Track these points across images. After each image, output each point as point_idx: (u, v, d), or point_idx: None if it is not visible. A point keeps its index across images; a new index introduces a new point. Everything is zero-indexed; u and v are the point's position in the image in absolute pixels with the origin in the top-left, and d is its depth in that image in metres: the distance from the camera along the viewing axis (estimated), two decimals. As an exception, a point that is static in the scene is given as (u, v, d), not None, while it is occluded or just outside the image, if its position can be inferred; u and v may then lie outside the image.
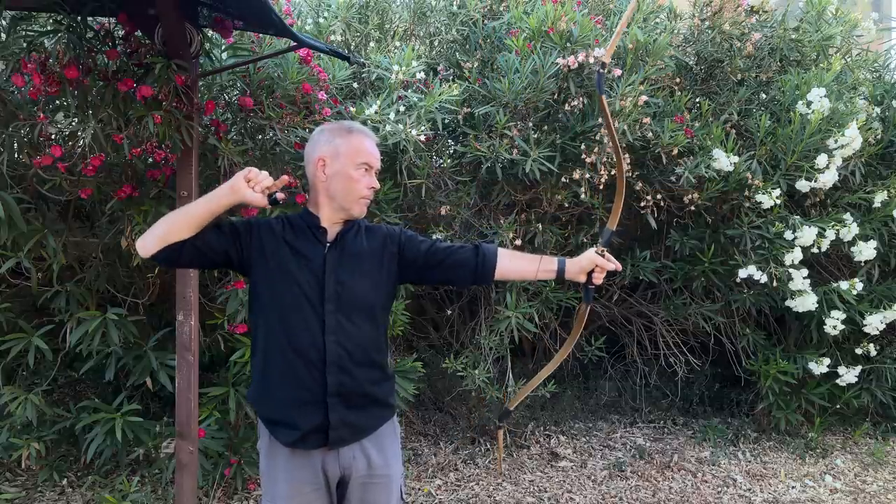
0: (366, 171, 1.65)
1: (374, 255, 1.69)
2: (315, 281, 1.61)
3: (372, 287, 1.67)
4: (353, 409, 1.64)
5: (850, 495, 3.33)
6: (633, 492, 3.30)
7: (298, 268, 1.62)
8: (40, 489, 3.05)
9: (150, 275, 2.93)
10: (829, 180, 3.22)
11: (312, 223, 1.67)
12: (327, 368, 1.60)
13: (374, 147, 1.69)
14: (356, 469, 1.65)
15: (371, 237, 1.71)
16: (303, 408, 1.61)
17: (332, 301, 1.61)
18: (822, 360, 3.62)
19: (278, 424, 1.64)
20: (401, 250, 1.71)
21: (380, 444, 1.70)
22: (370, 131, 1.72)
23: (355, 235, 1.69)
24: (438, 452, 3.62)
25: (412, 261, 1.71)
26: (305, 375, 1.60)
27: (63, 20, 2.30)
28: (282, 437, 1.64)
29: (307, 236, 1.66)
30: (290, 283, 1.61)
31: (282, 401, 1.63)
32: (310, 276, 1.62)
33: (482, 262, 1.71)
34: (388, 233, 1.74)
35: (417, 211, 3.40)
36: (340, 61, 2.93)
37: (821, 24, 3.65)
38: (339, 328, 1.60)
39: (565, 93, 3.15)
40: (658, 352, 3.95)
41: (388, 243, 1.71)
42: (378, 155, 1.70)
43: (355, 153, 1.64)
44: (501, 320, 3.26)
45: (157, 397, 3.29)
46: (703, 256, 3.50)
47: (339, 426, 1.62)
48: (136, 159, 2.61)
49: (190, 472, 2.52)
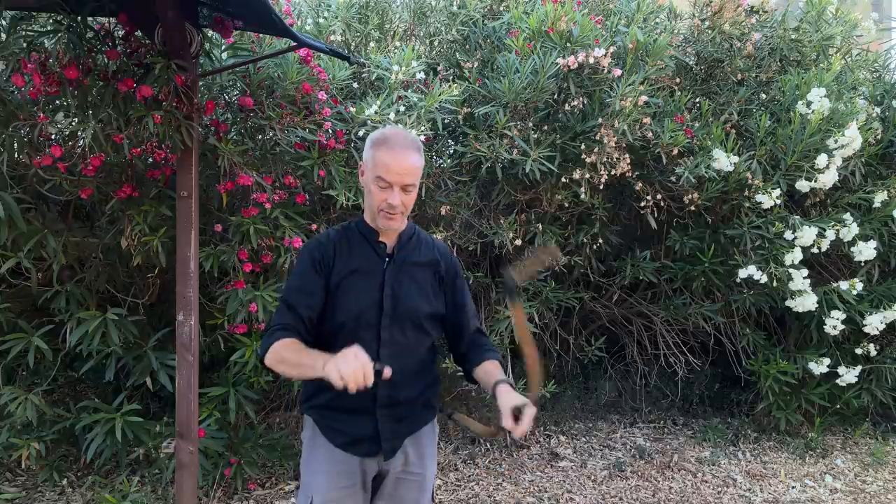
0: (382, 187, 1.57)
1: (428, 267, 1.69)
2: (373, 295, 1.61)
3: (425, 299, 1.67)
4: (403, 418, 1.66)
5: (850, 495, 3.33)
6: (633, 492, 3.30)
7: (356, 283, 1.61)
8: (40, 489, 3.05)
9: (150, 275, 2.93)
10: (829, 180, 3.22)
11: (371, 236, 1.66)
12: (379, 383, 1.55)
13: (397, 160, 1.55)
14: (393, 466, 1.67)
15: (427, 249, 1.71)
16: (353, 416, 1.62)
17: (388, 315, 1.61)
18: (822, 360, 3.62)
19: (327, 428, 1.66)
20: (443, 281, 1.72)
21: (419, 443, 1.71)
22: (405, 140, 1.59)
23: (412, 246, 1.69)
24: (438, 452, 3.62)
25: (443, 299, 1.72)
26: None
27: (63, 20, 2.30)
28: (329, 436, 1.65)
29: (365, 249, 1.65)
30: (349, 298, 1.60)
31: (333, 407, 1.63)
32: (368, 290, 1.61)
33: (467, 361, 1.74)
34: (444, 255, 1.74)
35: (417, 211, 3.40)
36: (340, 61, 2.93)
37: (821, 24, 3.65)
38: (392, 341, 1.60)
39: (565, 93, 3.15)
40: (658, 352, 3.95)
41: (441, 265, 1.71)
42: (402, 168, 1.56)
43: (374, 166, 1.58)
44: (501, 320, 3.26)
45: (157, 397, 3.29)
46: (703, 256, 3.50)
47: (391, 437, 1.64)
48: (136, 159, 2.61)
49: (190, 472, 2.52)
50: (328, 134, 2.85)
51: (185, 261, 2.47)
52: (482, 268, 3.64)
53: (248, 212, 2.74)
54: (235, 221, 2.75)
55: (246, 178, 2.66)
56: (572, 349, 3.92)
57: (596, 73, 3.09)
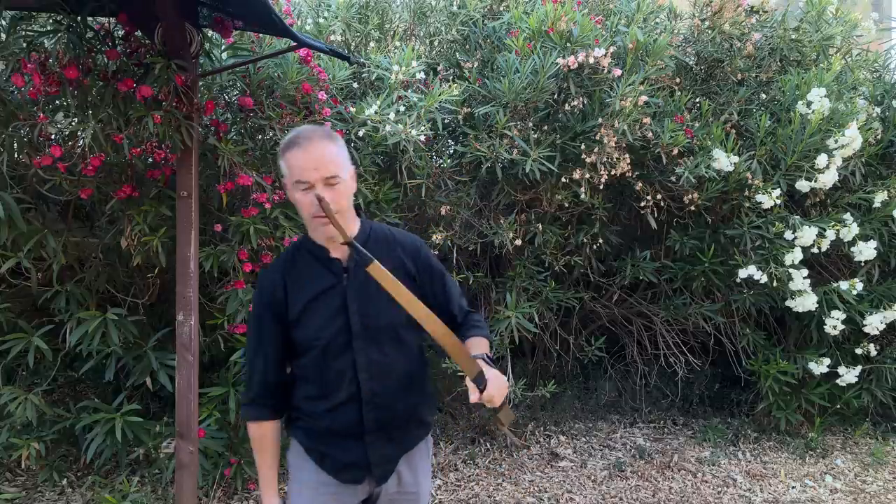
0: (304, 190, 1.40)
1: (394, 272, 1.48)
2: (337, 320, 1.48)
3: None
4: (393, 439, 1.57)
5: (850, 495, 3.33)
6: (633, 492, 3.30)
7: (316, 311, 1.49)
8: (40, 489, 3.05)
9: (150, 275, 2.93)
10: (829, 180, 3.22)
11: (321, 254, 1.52)
12: (363, 407, 1.50)
13: (307, 154, 1.39)
14: (386, 488, 1.60)
15: (388, 251, 1.55)
16: (341, 441, 1.54)
17: (360, 337, 1.49)
18: (822, 360, 3.62)
19: (313, 451, 1.58)
20: (417, 279, 1.58)
21: (412, 462, 1.63)
22: (312, 133, 1.43)
23: (369, 252, 1.49)
24: (438, 452, 3.62)
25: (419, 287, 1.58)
26: (341, 415, 1.52)
27: (63, 20, 2.30)
28: (316, 460, 1.57)
29: (317, 271, 1.51)
30: (311, 330, 1.49)
31: (319, 430, 1.56)
32: (331, 316, 1.49)
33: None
34: (408, 250, 1.58)
35: (417, 211, 3.40)
36: (340, 61, 2.93)
37: (821, 24, 3.65)
38: (370, 363, 1.49)
39: (565, 93, 3.15)
40: (658, 352, 3.94)
41: (408, 264, 1.57)
42: (314, 161, 1.39)
43: (290, 173, 1.43)
44: (501, 320, 3.26)
45: (157, 397, 3.29)
46: (703, 256, 3.50)
47: (381, 462, 1.56)
48: (136, 159, 2.61)
49: (190, 472, 2.52)
50: (328, 134, 2.85)
51: (185, 261, 2.47)
52: (482, 268, 3.64)
53: (248, 212, 2.74)
54: (235, 221, 2.75)
55: (246, 178, 2.66)
56: (572, 349, 3.92)
57: (596, 73, 3.09)
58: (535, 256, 3.46)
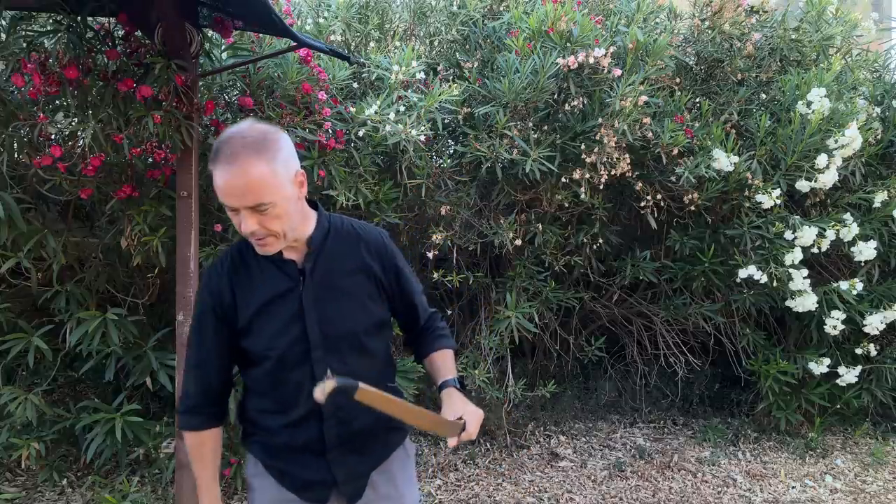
0: (234, 213, 1.24)
1: (358, 273, 1.40)
2: (292, 329, 1.34)
3: (361, 311, 1.40)
4: (361, 452, 1.44)
5: (850, 495, 3.33)
6: (633, 492, 3.30)
7: (269, 319, 1.35)
8: (40, 489, 3.05)
9: (150, 275, 2.93)
10: (829, 180, 3.22)
11: (273, 256, 1.34)
12: (325, 423, 1.38)
13: (225, 179, 1.19)
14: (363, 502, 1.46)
15: (351, 249, 1.41)
16: (301, 457, 1.41)
17: (319, 346, 1.35)
18: (822, 360, 3.62)
19: (272, 468, 1.44)
20: (383, 282, 1.44)
21: (389, 472, 1.50)
22: (236, 146, 1.19)
23: (330, 253, 1.39)
24: (438, 452, 3.62)
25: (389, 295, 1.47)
26: (300, 431, 1.39)
27: (63, 20, 2.31)
28: (276, 477, 1.44)
29: (269, 273, 1.36)
30: (263, 340, 1.34)
31: (277, 445, 1.43)
32: (285, 324, 1.34)
33: (418, 346, 1.57)
34: (375, 249, 1.44)
35: (417, 211, 3.40)
36: (340, 61, 2.93)
37: (821, 24, 3.65)
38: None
39: (565, 93, 3.15)
40: (658, 352, 3.94)
41: (375, 267, 1.43)
42: (233, 188, 1.20)
43: (218, 194, 1.24)
44: (501, 320, 3.26)
45: (157, 397, 3.29)
46: (703, 256, 3.50)
47: (350, 479, 1.43)
48: (136, 159, 2.61)
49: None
50: (328, 134, 2.85)
51: (185, 261, 2.47)
52: (482, 268, 3.64)
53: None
54: (235, 221, 2.75)
55: (246, 178, 2.66)
56: (572, 349, 3.92)
57: (596, 73, 3.09)
58: (535, 256, 3.46)
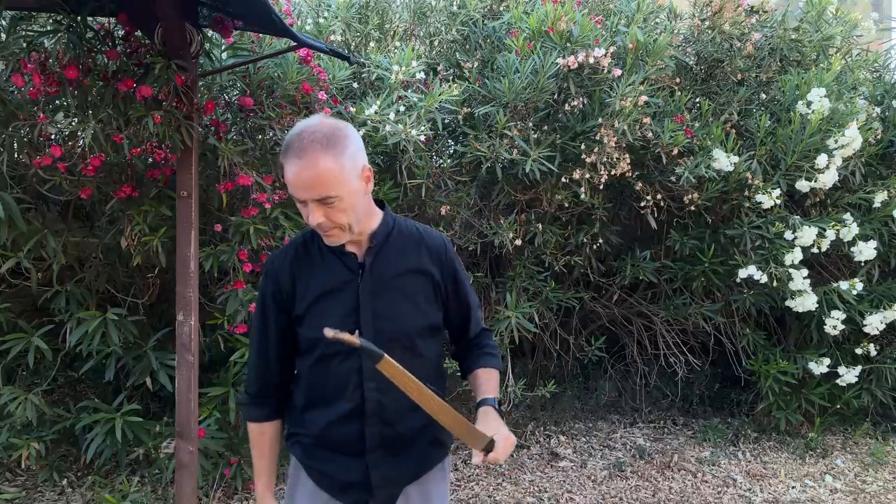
0: (302, 204, 1.28)
1: (417, 274, 1.41)
2: (346, 321, 1.34)
3: (416, 311, 1.40)
4: (399, 458, 1.42)
5: (850, 495, 3.33)
6: (633, 492, 3.30)
7: (325, 309, 1.36)
8: (40, 489, 3.05)
9: (150, 275, 2.93)
10: (829, 180, 3.22)
11: (336, 247, 1.36)
12: (366, 420, 1.37)
13: (296, 172, 1.23)
14: None
15: (413, 249, 1.43)
16: (341, 457, 1.42)
17: (370, 341, 1.31)
18: (822, 360, 3.62)
19: (311, 469, 1.46)
20: (440, 286, 1.45)
21: (426, 489, 1.48)
22: (307, 142, 1.23)
23: (392, 250, 1.40)
24: (438, 452, 3.61)
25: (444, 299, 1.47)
26: (341, 428, 1.39)
27: (63, 20, 2.30)
28: (315, 479, 1.45)
29: (330, 263, 1.38)
30: (318, 329, 1.29)
31: (319, 445, 1.45)
32: (340, 316, 1.35)
33: (463, 362, 1.59)
34: (436, 254, 1.45)
35: (417, 211, 3.40)
36: (340, 61, 2.93)
37: (821, 24, 3.65)
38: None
39: (565, 93, 3.15)
40: (658, 352, 3.95)
41: (435, 272, 1.44)
42: (303, 181, 1.23)
43: (288, 186, 1.27)
44: (501, 320, 3.26)
45: (157, 397, 3.29)
46: (703, 256, 3.50)
47: (384, 484, 1.41)
48: (136, 159, 2.61)
49: (190, 472, 2.52)
50: (328, 134, 2.84)
51: (185, 261, 2.47)
52: (482, 268, 3.64)
53: (248, 212, 2.74)
54: (235, 221, 2.75)
55: (246, 178, 2.66)
56: (572, 349, 3.92)
57: (596, 73, 3.09)
58: (535, 256, 3.46)
